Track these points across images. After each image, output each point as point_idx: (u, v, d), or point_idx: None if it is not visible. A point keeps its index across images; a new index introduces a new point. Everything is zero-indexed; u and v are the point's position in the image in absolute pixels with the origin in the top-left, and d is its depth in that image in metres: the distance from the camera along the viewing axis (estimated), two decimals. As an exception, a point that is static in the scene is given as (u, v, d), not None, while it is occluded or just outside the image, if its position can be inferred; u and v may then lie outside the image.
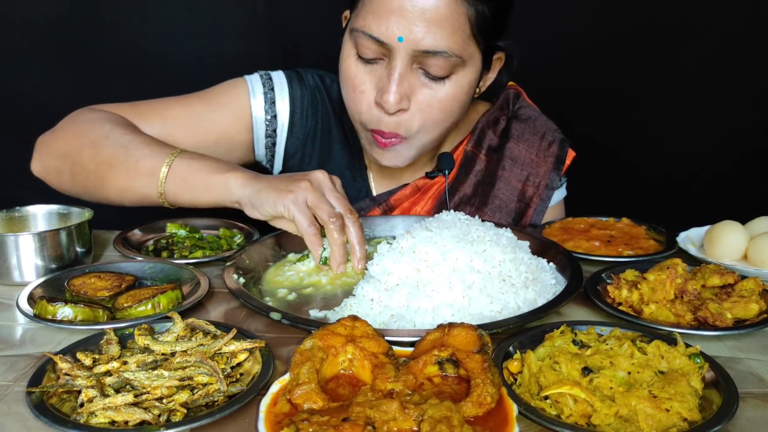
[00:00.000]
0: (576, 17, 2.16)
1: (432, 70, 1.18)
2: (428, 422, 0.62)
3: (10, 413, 0.71)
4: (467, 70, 1.22)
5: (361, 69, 1.22)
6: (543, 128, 1.49)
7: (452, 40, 1.15)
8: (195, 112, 1.36)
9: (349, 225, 1.10)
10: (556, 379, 0.74)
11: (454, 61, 1.18)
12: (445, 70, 1.19)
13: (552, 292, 1.02)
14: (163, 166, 1.18)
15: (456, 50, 1.16)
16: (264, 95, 1.40)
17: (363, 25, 1.17)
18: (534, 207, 1.46)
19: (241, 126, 1.40)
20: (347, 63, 1.24)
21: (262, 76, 1.42)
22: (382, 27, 1.15)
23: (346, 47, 1.25)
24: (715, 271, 1.05)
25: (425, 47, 1.14)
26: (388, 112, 1.20)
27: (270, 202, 1.09)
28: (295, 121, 1.43)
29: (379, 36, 1.15)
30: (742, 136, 2.22)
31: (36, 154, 1.31)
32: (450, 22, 1.14)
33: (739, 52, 2.16)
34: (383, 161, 1.31)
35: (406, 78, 1.19)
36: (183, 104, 1.37)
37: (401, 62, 1.17)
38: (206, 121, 1.36)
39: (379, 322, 0.93)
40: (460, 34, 1.16)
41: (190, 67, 2.10)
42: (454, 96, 1.23)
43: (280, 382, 0.72)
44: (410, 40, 1.14)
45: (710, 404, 0.71)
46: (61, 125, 1.32)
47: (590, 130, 2.06)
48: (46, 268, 1.09)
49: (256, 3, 2.13)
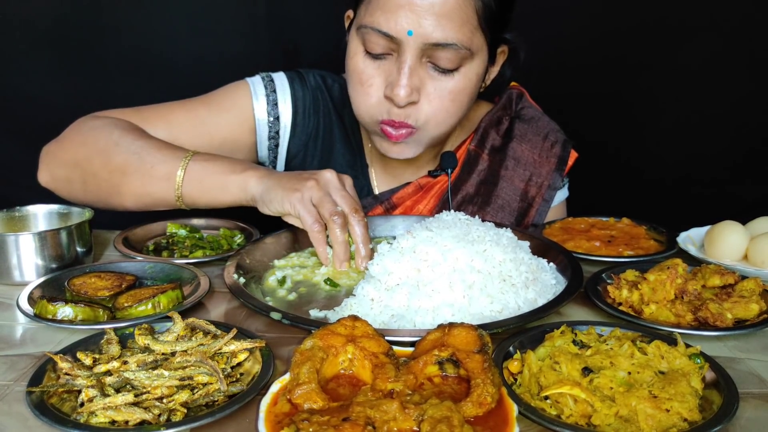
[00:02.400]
0: (577, 18, 2.16)
1: (441, 62, 1.19)
2: (428, 422, 0.62)
3: (11, 413, 0.71)
4: (475, 62, 1.23)
5: (370, 65, 1.23)
6: (546, 128, 1.49)
7: (461, 33, 1.16)
8: (198, 117, 1.36)
9: (354, 224, 1.10)
10: (556, 379, 0.74)
11: (463, 54, 1.19)
12: (455, 63, 1.20)
13: (552, 292, 1.02)
14: (178, 170, 1.19)
15: (465, 42, 1.17)
16: (266, 97, 1.40)
17: (371, 21, 1.18)
18: (536, 207, 1.46)
19: (245, 129, 1.40)
20: (355, 60, 1.24)
21: (264, 78, 1.42)
22: (391, 22, 1.15)
23: (352, 45, 1.25)
24: (716, 272, 1.05)
25: (435, 40, 1.15)
26: (398, 105, 1.21)
27: (278, 199, 1.11)
28: (297, 122, 1.43)
29: (388, 31, 1.16)
30: (743, 136, 2.22)
31: (43, 165, 1.31)
32: (458, 14, 1.15)
33: (739, 53, 2.16)
34: (392, 154, 1.31)
35: (416, 72, 1.19)
36: (186, 109, 1.37)
37: (411, 56, 1.17)
38: (210, 125, 1.37)
39: (379, 321, 0.93)
40: (468, 26, 1.17)
41: (191, 67, 2.10)
42: (464, 88, 1.24)
43: (281, 382, 0.72)
44: (420, 34, 1.15)
45: (710, 404, 0.71)
46: (67, 134, 1.31)
47: (591, 130, 2.06)
48: (47, 268, 1.09)
49: (256, 3, 2.13)
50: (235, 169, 1.18)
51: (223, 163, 1.20)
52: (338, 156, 1.46)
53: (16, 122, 2.13)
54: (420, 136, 1.28)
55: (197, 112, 1.37)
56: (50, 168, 1.30)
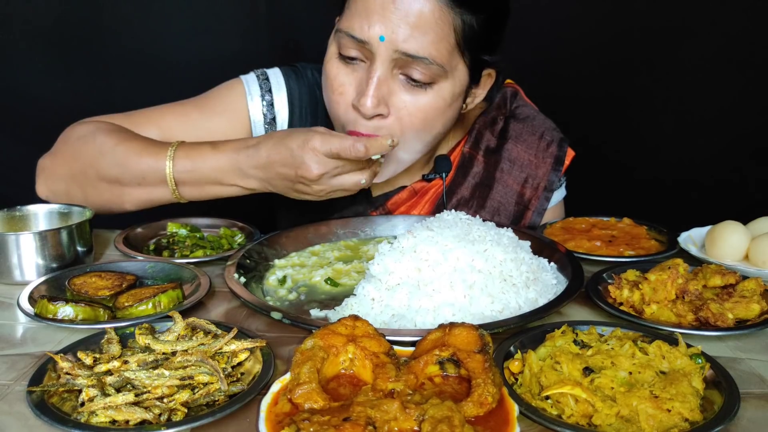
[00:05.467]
0: (577, 18, 2.16)
1: (414, 74, 1.15)
2: (429, 422, 0.62)
3: (11, 412, 0.71)
4: (450, 82, 1.19)
5: (342, 71, 1.20)
6: (541, 127, 1.48)
7: (434, 48, 1.13)
8: (191, 120, 1.35)
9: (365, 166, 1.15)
10: (557, 379, 0.73)
11: (436, 70, 1.15)
12: (427, 78, 1.16)
13: (553, 292, 1.02)
14: (167, 175, 1.19)
15: (438, 59, 1.14)
16: (261, 98, 1.38)
17: (346, 26, 1.16)
18: (532, 209, 1.45)
19: (239, 131, 1.38)
20: (329, 65, 1.22)
21: (259, 77, 1.40)
22: (364, 27, 1.13)
23: (330, 49, 1.23)
24: (717, 272, 1.05)
25: (406, 50, 1.12)
26: (365, 116, 1.17)
27: (283, 192, 1.17)
28: (294, 123, 1.41)
29: (360, 36, 1.14)
30: (744, 136, 2.22)
31: (40, 180, 1.30)
32: (434, 29, 1.12)
33: (740, 53, 2.16)
34: None
35: (385, 82, 1.16)
36: (178, 113, 1.36)
37: (381, 65, 1.14)
38: (203, 129, 1.34)
39: (380, 321, 0.93)
40: (443, 43, 1.14)
41: (190, 65, 2.10)
42: (435, 106, 1.20)
43: (281, 382, 0.72)
44: (391, 40, 1.12)
45: (711, 404, 0.71)
46: (59, 147, 1.31)
47: (591, 130, 2.06)
48: (47, 268, 1.09)
49: (257, 2, 2.14)
50: (222, 168, 1.17)
51: (208, 162, 1.18)
52: None
53: (16, 122, 2.13)
54: (389, 156, 1.22)
55: (190, 116, 1.35)
56: (48, 183, 1.30)
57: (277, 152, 1.12)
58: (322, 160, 1.09)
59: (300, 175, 1.11)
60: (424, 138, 1.25)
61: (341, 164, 1.11)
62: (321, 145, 1.08)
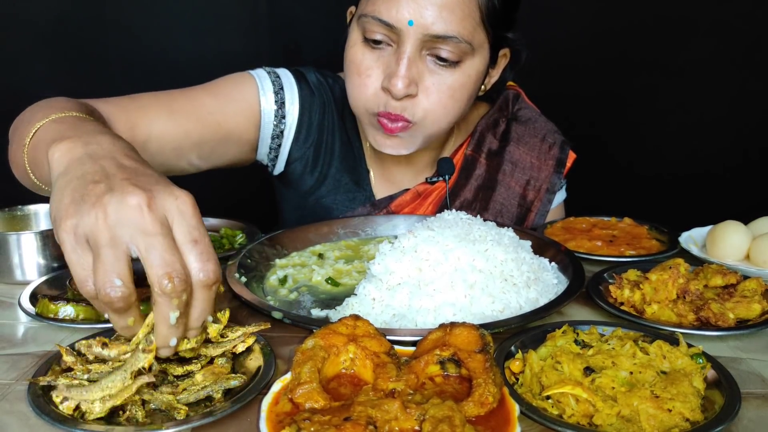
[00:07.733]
0: (577, 17, 2.16)
1: (443, 54, 1.17)
2: (430, 422, 0.62)
3: (12, 411, 0.71)
4: (476, 59, 1.22)
5: (368, 56, 1.21)
6: (543, 130, 1.48)
7: (462, 26, 1.15)
8: (204, 105, 1.28)
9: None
10: (557, 378, 0.73)
11: (464, 48, 1.17)
12: (456, 56, 1.18)
13: (554, 291, 1.02)
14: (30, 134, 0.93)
15: (466, 36, 1.16)
16: (275, 94, 1.35)
17: (372, 10, 1.16)
18: (535, 211, 1.46)
19: (250, 123, 1.34)
20: (354, 50, 1.22)
21: (270, 74, 1.37)
22: (392, 11, 1.14)
23: (352, 36, 1.23)
24: (718, 271, 1.05)
25: (435, 32, 1.14)
26: (395, 97, 1.18)
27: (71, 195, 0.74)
28: (302, 129, 1.39)
29: (389, 20, 1.14)
30: (745, 136, 2.22)
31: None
32: (460, 7, 1.14)
33: (741, 52, 2.16)
34: (386, 148, 1.27)
35: (414, 64, 1.17)
36: (190, 97, 1.29)
37: (411, 47, 1.15)
38: (218, 114, 1.29)
39: (380, 321, 0.93)
40: (469, 20, 1.16)
41: (191, 65, 2.10)
42: (463, 84, 1.22)
43: (282, 382, 0.72)
44: (420, 24, 1.13)
45: (712, 404, 0.71)
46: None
47: (592, 130, 2.06)
48: (48, 267, 1.09)
49: (258, 2, 2.14)
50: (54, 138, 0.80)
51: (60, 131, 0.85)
52: (338, 162, 1.43)
53: (17, 121, 2.13)
54: (415, 132, 1.25)
55: (202, 101, 1.29)
56: (12, 168, 1.09)
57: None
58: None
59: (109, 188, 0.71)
60: (452, 114, 1.26)
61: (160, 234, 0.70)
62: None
